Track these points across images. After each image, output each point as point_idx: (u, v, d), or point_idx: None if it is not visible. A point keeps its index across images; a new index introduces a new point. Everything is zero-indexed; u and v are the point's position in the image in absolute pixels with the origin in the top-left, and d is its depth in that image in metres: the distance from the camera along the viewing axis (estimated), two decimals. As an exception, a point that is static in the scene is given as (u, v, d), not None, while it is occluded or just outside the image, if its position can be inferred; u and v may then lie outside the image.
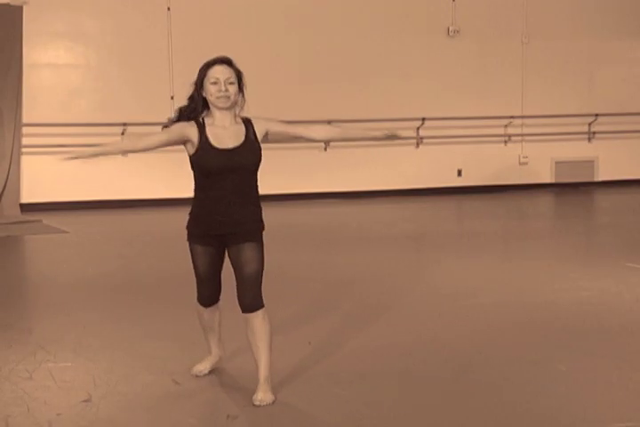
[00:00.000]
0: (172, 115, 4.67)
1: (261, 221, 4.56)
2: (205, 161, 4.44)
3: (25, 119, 12.92)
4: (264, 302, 4.50)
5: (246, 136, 4.50)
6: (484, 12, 14.88)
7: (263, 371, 4.47)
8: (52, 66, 13.24)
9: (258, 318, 4.46)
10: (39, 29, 13.05)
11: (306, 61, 14.00)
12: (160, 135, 4.56)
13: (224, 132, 4.48)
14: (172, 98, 12.95)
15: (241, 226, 4.47)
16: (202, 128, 4.48)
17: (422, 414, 4.30)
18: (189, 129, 4.48)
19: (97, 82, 13.37)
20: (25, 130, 12.93)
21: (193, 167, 4.53)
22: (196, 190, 4.57)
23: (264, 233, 4.56)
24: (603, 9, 15.47)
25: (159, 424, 4.24)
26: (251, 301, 4.46)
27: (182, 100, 4.69)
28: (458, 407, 4.41)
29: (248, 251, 4.46)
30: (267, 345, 4.48)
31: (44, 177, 12.99)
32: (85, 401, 4.50)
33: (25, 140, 12.97)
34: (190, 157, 4.51)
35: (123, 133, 13.22)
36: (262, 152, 4.53)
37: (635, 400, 4.47)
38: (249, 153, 4.48)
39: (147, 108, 13.21)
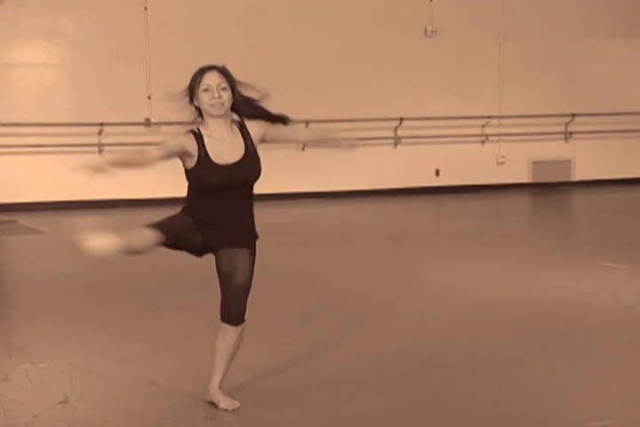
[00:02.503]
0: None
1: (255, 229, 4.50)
2: (206, 178, 4.22)
3: (0, 119, 12.84)
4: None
5: (246, 148, 4.32)
6: (462, 12, 14.93)
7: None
8: (27, 65, 13.16)
9: (237, 332, 4.40)
10: (15, 29, 12.97)
11: (283, 61, 13.98)
12: (160, 150, 4.16)
13: (223, 145, 4.27)
14: (148, 98, 12.92)
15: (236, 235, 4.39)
16: (200, 140, 4.24)
17: (404, 415, 4.30)
18: (189, 142, 4.21)
19: (73, 82, 13.30)
20: (0, 130, 12.84)
21: (189, 180, 4.30)
22: (192, 199, 4.35)
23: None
24: (579, 10, 15.55)
25: (136, 425, 4.22)
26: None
27: (159, 101, 4.61)
28: (438, 407, 4.41)
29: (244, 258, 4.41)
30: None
31: (20, 177, 12.92)
32: (62, 402, 4.47)
33: (0, 140, 12.88)
34: (188, 171, 4.26)
35: (100, 133, 13.17)
36: (260, 161, 4.38)
37: (612, 399, 4.49)
38: (250, 167, 4.32)
39: (123, 109, 13.16)
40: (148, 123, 13.13)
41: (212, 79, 4.28)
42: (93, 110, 13.14)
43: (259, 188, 4.55)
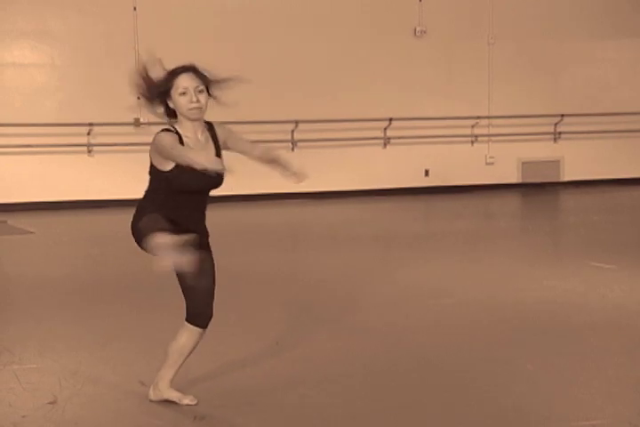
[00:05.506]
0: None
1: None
2: (185, 180, 4.11)
3: (-11, 119, 12.82)
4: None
5: (217, 152, 4.23)
6: (451, 12, 14.94)
7: None
8: (16, 65, 13.13)
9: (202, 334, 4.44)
10: (3, 28, 12.94)
11: (272, 62, 13.97)
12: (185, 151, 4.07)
13: (199, 147, 4.18)
14: (138, 98, 12.84)
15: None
16: (180, 141, 4.13)
17: (389, 415, 4.30)
18: (177, 143, 4.11)
19: (62, 81, 13.27)
20: (-11, 130, 12.82)
21: (164, 181, 4.16)
22: (163, 200, 4.21)
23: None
24: (568, 10, 15.58)
25: (125, 426, 4.22)
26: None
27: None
28: (426, 407, 4.42)
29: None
30: None
31: (9, 177, 12.89)
32: (51, 403, 4.46)
33: (-11, 140, 12.86)
34: (164, 172, 4.14)
35: (89, 134, 13.14)
36: None
37: (600, 399, 4.50)
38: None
39: (112, 109, 13.11)
40: (137, 123, 13.09)
41: (188, 82, 4.16)
42: (82, 110, 13.11)
43: (248, 188, 4.56)
